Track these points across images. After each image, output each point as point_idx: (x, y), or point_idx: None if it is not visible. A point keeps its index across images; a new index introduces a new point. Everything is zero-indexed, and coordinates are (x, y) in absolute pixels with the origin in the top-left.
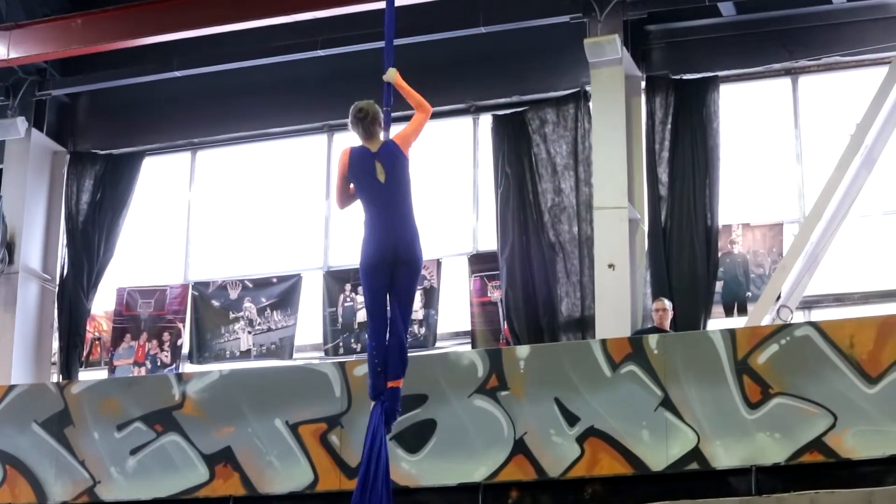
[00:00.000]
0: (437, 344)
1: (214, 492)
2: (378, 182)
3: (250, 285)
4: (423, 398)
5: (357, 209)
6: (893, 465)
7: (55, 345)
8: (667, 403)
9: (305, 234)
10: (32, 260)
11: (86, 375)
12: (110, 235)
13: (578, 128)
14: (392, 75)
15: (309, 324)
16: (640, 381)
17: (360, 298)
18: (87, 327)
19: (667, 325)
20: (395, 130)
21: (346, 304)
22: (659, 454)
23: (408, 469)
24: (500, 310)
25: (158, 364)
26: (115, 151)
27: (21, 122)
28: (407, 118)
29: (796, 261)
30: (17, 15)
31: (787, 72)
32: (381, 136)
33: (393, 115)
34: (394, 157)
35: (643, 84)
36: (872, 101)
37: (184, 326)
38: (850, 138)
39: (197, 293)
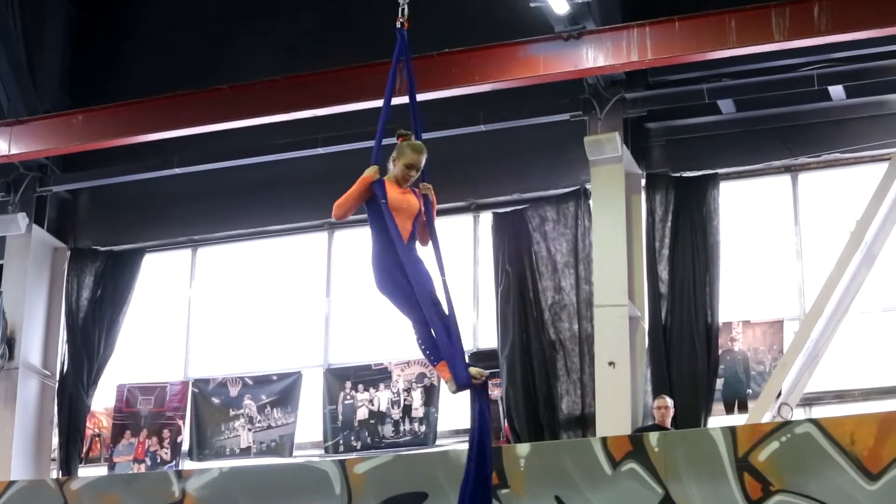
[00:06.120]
0: (438, 442)
1: None
2: None
3: (250, 382)
4: (424, 496)
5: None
6: None
7: (55, 441)
8: (668, 501)
9: (306, 332)
10: (33, 356)
11: (85, 472)
12: (110, 332)
13: (579, 225)
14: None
15: (309, 421)
16: (640, 478)
17: (360, 396)
18: (87, 423)
19: (668, 422)
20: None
21: (346, 402)
22: None
23: None
24: (501, 407)
25: (158, 461)
26: (115, 248)
27: (22, 218)
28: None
29: (797, 358)
30: (18, 111)
31: (786, 169)
32: None
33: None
34: None
35: (643, 181)
36: (872, 197)
37: (184, 423)
38: (851, 235)
39: (197, 390)
